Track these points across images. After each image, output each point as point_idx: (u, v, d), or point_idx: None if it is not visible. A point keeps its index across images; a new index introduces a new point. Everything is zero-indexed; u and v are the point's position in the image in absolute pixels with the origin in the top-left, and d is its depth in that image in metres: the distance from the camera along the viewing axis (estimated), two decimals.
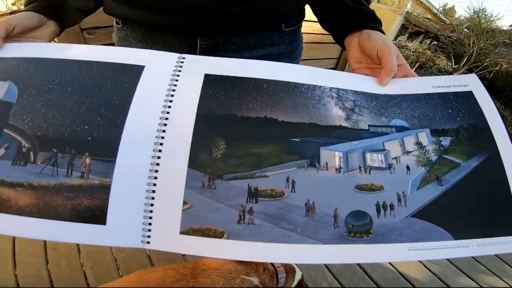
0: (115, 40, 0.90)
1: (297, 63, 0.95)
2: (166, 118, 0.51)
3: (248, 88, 0.56)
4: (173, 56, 0.59)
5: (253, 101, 0.55)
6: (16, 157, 0.49)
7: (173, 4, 0.65)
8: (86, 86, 0.55)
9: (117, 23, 0.84)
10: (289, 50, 0.87)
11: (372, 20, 0.69)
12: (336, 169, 0.52)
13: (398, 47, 0.72)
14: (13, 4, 2.73)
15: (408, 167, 0.53)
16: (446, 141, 0.55)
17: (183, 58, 0.58)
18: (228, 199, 0.49)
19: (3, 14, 2.68)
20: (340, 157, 0.52)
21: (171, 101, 0.53)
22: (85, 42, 1.93)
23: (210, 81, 0.56)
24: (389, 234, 0.48)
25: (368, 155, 0.53)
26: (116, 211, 0.47)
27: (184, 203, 0.48)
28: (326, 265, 1.64)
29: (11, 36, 0.61)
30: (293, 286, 1.04)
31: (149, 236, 0.47)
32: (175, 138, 0.51)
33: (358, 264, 1.69)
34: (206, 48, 0.75)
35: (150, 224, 0.47)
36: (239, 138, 0.52)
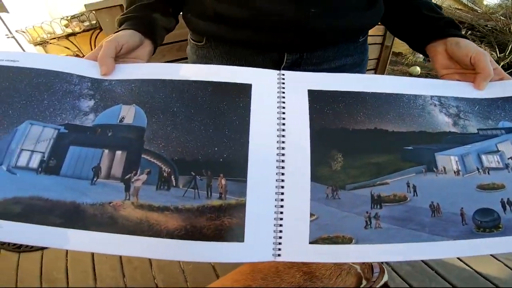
0: (191, 58, 0.92)
1: (365, 71, 0.98)
2: (283, 136, 0.54)
3: (352, 102, 0.58)
4: (273, 73, 0.60)
5: (360, 114, 0.58)
6: (159, 182, 0.52)
7: (265, 20, 0.68)
8: (206, 107, 0.57)
9: (195, 40, 0.87)
10: (360, 59, 0.90)
11: (454, 28, 0.70)
12: (454, 172, 0.55)
13: None
14: (66, 26, 2.83)
15: None
16: None
17: (283, 74, 0.60)
18: (353, 207, 0.52)
19: (59, 37, 2.83)
20: (456, 161, 0.55)
21: (284, 118, 0.56)
22: None
23: (315, 96, 0.58)
24: None
25: (483, 157, 0.56)
26: (251, 228, 0.50)
27: (311, 214, 0.51)
28: (392, 268, 1.61)
29: (118, 56, 0.62)
30: (380, 285, 1.06)
31: (279, 249, 0.50)
32: (295, 155, 0.54)
33: (427, 265, 1.65)
34: (290, 63, 0.79)
35: (280, 237, 0.50)
36: (354, 150, 0.55)
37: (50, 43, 2.85)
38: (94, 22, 2.74)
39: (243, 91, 0.58)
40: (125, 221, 0.49)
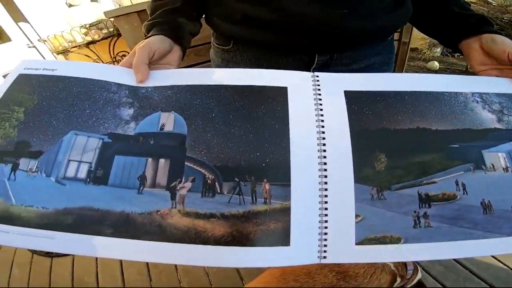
0: (215, 62, 0.91)
1: (392, 69, 0.96)
2: (324, 138, 0.54)
3: (391, 102, 0.58)
4: (307, 75, 0.60)
5: (400, 113, 0.57)
6: (204, 189, 0.52)
7: (296, 22, 0.68)
8: (244, 112, 0.56)
9: (220, 44, 0.86)
10: (388, 58, 0.89)
11: (487, 25, 0.70)
12: (503, 169, 0.53)
13: None
14: (86, 34, 2.87)
15: None
16: None
17: (317, 76, 0.59)
18: (400, 206, 0.51)
19: (80, 45, 2.88)
20: (504, 158, 0.54)
21: (322, 120, 0.55)
22: None
23: (352, 97, 0.57)
24: None
25: None
26: (296, 232, 0.49)
27: (356, 216, 0.50)
28: (423, 268, 1.57)
29: (150, 62, 0.62)
30: (414, 283, 1.04)
31: (325, 251, 0.49)
32: (336, 157, 0.53)
33: (461, 265, 1.60)
34: (321, 64, 0.78)
35: (325, 240, 0.49)
36: (398, 150, 0.54)
37: (71, 52, 2.89)
38: (112, 29, 2.78)
39: (279, 94, 0.58)
40: (173, 229, 0.49)
